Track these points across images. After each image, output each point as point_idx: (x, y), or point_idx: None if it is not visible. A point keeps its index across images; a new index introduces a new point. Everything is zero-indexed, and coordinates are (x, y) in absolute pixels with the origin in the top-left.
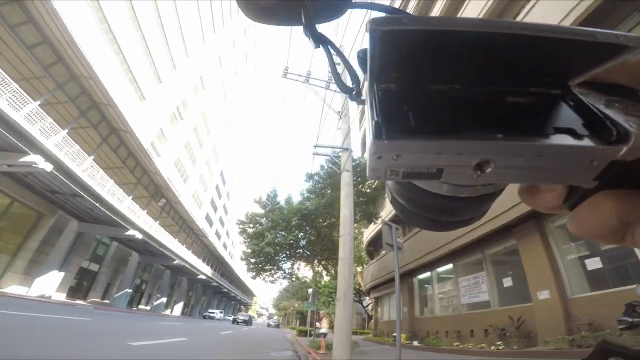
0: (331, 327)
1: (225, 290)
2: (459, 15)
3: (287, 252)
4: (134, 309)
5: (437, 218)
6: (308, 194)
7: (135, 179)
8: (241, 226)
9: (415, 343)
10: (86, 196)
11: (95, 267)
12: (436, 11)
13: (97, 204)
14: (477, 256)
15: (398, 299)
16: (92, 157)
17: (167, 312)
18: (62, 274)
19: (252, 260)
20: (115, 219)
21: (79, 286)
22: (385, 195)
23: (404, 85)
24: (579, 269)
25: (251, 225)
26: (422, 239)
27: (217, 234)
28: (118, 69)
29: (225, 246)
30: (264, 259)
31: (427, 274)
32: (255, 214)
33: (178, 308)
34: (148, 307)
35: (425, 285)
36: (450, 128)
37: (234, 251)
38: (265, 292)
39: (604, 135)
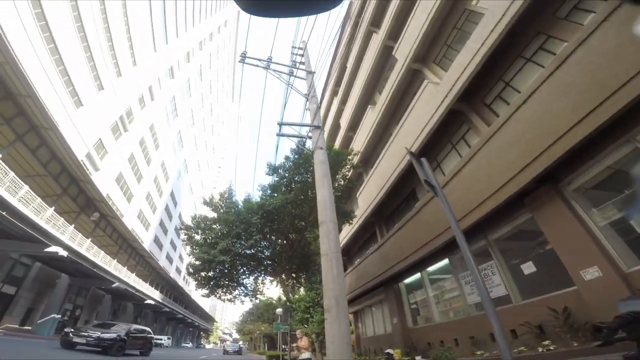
0: (312, 349)
1: (180, 316)
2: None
3: (248, 264)
4: None
5: None
6: (271, 192)
7: (61, 188)
8: (186, 232)
9: (419, 358)
10: None
11: (11, 289)
12: (390, 12)
13: (5, 214)
14: (480, 243)
15: (471, 263)
16: (0, 155)
17: None
18: None
19: (203, 275)
20: (32, 232)
21: None
22: None
23: None
24: (620, 236)
25: (200, 231)
26: (406, 235)
27: (169, 258)
28: (50, 66)
29: (178, 270)
30: (218, 272)
31: (415, 276)
32: (205, 217)
33: None
34: None
35: (416, 290)
36: None
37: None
38: (228, 316)
39: None
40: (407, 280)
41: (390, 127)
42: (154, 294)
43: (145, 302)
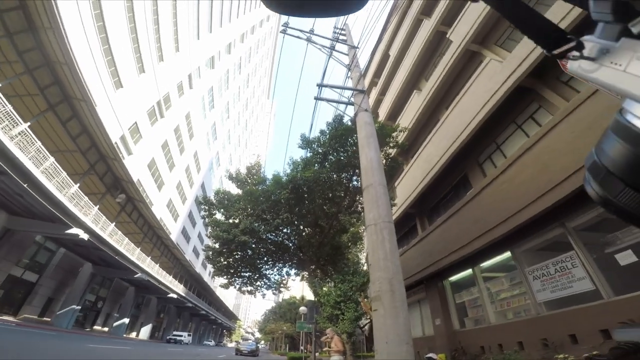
0: (343, 351)
1: (204, 312)
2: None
3: (273, 252)
4: (87, 329)
5: None
6: (303, 166)
7: (88, 164)
8: (206, 208)
9: None
10: (10, 172)
11: (33, 276)
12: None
13: (27, 186)
14: (556, 232)
15: None
16: (28, 123)
17: (132, 334)
18: None
19: (222, 260)
20: (53, 210)
21: (7, 298)
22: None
23: None
24: None
25: (222, 209)
26: (455, 227)
27: (195, 251)
28: (95, 42)
29: (205, 265)
30: (239, 257)
31: (466, 273)
32: (229, 193)
33: (145, 331)
34: (106, 329)
35: (464, 288)
36: None
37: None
38: (251, 315)
39: None
40: (454, 278)
41: (438, 111)
42: (177, 288)
43: (168, 295)
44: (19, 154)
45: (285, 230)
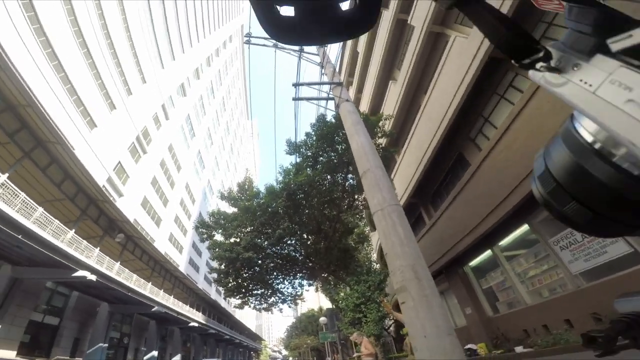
0: (374, 353)
1: (227, 337)
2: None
3: (281, 266)
4: None
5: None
6: (295, 172)
7: (79, 210)
8: (204, 232)
9: (519, 349)
10: (2, 227)
11: (54, 320)
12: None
13: (21, 237)
14: None
15: None
16: (7, 174)
17: None
18: None
19: (230, 280)
20: (54, 257)
21: (36, 342)
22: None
23: None
24: None
25: (220, 229)
26: (463, 208)
27: (207, 279)
28: (56, 83)
29: (219, 292)
30: (246, 275)
31: (485, 255)
32: (225, 213)
33: None
34: None
35: (488, 272)
36: None
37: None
38: (274, 333)
39: None
40: (474, 262)
41: (418, 97)
42: (196, 316)
43: (190, 324)
44: (4, 207)
45: (289, 242)
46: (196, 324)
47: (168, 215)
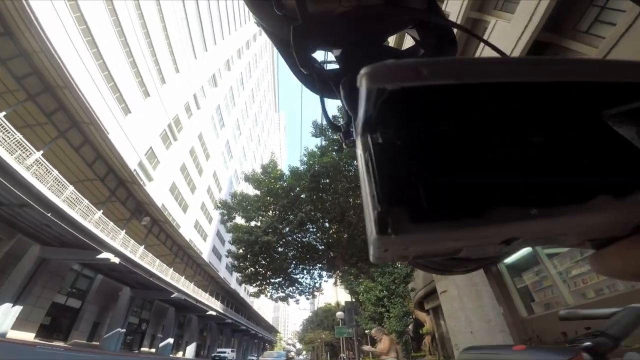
0: (396, 354)
1: (244, 327)
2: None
3: (301, 255)
4: (135, 351)
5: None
6: (320, 154)
7: (109, 190)
8: (224, 212)
9: None
10: (33, 203)
11: (76, 303)
12: None
13: (51, 215)
14: None
15: None
16: (42, 152)
17: (179, 354)
18: (19, 307)
19: (247, 265)
20: (81, 237)
21: (56, 325)
22: None
23: (407, 141)
24: None
25: (241, 211)
26: None
27: (228, 268)
28: (95, 70)
29: (239, 281)
30: (264, 261)
31: (523, 252)
32: (247, 195)
33: (191, 349)
34: (153, 350)
35: (525, 270)
36: (471, 203)
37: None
38: (290, 326)
39: None
40: (510, 260)
41: None
42: (215, 305)
43: (207, 313)
44: (37, 184)
45: (310, 229)
46: (214, 313)
47: (195, 202)
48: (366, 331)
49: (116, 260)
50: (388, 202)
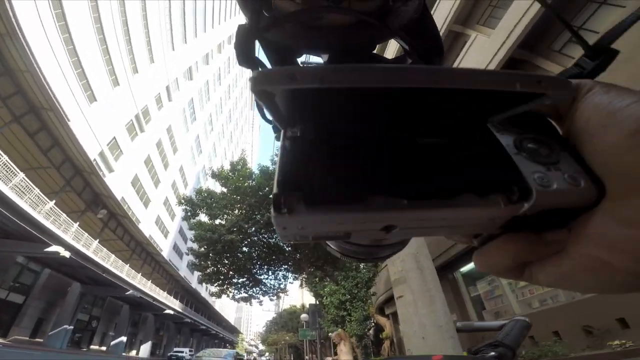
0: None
1: (204, 327)
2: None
3: (266, 256)
4: (84, 349)
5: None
6: None
7: (64, 180)
8: (188, 209)
9: None
10: None
11: (19, 298)
12: None
13: None
14: None
15: None
16: None
17: (132, 353)
18: None
19: (209, 265)
20: (28, 228)
21: None
22: None
23: (306, 136)
24: None
25: (205, 208)
26: None
27: (190, 267)
28: (62, 53)
29: (200, 281)
30: (229, 264)
31: None
32: (213, 192)
33: (145, 348)
34: (103, 348)
35: (479, 280)
36: (354, 192)
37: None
38: (253, 327)
39: (508, 194)
40: (466, 268)
41: None
42: (173, 304)
43: (165, 312)
44: None
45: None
46: (172, 312)
47: (158, 196)
48: (329, 334)
49: (66, 254)
50: (286, 186)
